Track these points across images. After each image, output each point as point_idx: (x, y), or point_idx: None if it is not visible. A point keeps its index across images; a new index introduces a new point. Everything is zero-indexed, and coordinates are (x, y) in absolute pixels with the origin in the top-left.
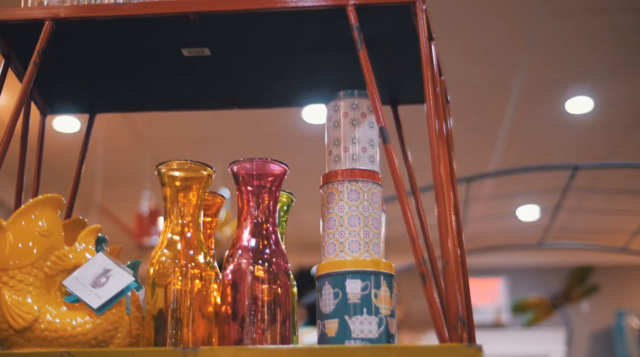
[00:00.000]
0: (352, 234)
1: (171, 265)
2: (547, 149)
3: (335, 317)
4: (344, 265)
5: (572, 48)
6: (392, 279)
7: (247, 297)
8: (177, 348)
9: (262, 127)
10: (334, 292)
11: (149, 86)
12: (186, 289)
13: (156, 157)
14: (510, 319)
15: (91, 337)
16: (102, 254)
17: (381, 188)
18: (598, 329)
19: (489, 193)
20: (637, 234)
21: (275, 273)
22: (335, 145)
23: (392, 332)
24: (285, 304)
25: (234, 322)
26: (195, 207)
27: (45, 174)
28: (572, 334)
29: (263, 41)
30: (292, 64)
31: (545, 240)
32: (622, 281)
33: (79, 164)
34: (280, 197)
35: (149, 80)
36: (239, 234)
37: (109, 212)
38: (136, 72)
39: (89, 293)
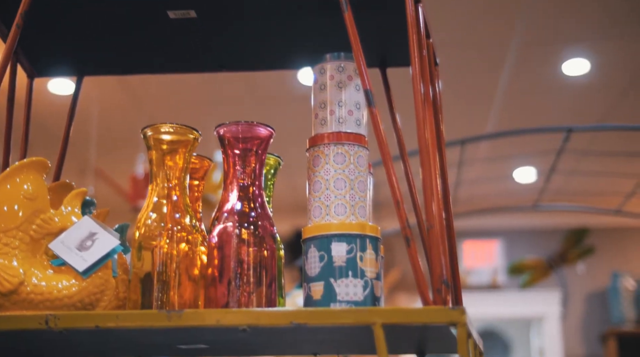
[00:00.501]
0: (338, 197)
1: (157, 228)
2: (543, 111)
3: (321, 280)
4: (330, 228)
5: (569, 9)
6: (378, 242)
7: (232, 260)
8: (161, 311)
9: (258, 89)
10: (319, 255)
11: (135, 49)
12: (172, 252)
13: (152, 119)
14: (506, 281)
15: (77, 300)
16: (88, 217)
17: (368, 151)
18: (593, 290)
19: (486, 155)
20: (631, 196)
21: (261, 236)
22: (322, 108)
23: (377, 295)
24: (272, 267)
25: (219, 285)
26: (182, 170)
27: (40, 137)
28: (568, 295)
29: (248, 3)
30: (278, 27)
31: (541, 202)
32: (617, 243)
33: (67, 127)
34: (268, 160)
35: (135, 42)
36: (225, 197)
37: (104, 174)
38: (122, 35)
39: (74, 256)
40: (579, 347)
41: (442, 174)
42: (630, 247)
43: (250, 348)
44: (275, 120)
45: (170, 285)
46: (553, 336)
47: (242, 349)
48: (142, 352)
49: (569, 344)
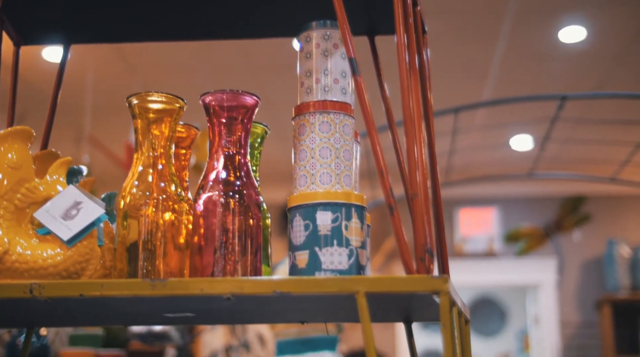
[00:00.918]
0: (323, 166)
1: (142, 197)
2: (540, 79)
3: (306, 249)
4: (315, 197)
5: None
6: (364, 210)
7: (217, 228)
8: (145, 280)
9: (254, 57)
10: (304, 223)
11: (123, 16)
12: (158, 221)
13: (147, 87)
14: (502, 248)
15: (62, 268)
16: (73, 186)
17: (353, 120)
18: (589, 257)
19: (482, 123)
20: (626, 164)
21: (247, 205)
22: (307, 76)
23: (362, 264)
24: (257, 235)
25: (204, 253)
26: (167, 139)
27: (35, 105)
28: (564, 262)
29: None
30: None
31: (537, 170)
32: (613, 210)
33: (54, 96)
34: (255, 129)
35: (122, 10)
36: (210, 165)
37: (98, 143)
38: (109, 2)
39: (59, 225)
40: (574, 314)
41: (429, 143)
42: (626, 214)
43: (236, 316)
44: (271, 89)
45: (156, 254)
46: (548, 303)
47: (228, 317)
48: (129, 321)
49: (564, 311)
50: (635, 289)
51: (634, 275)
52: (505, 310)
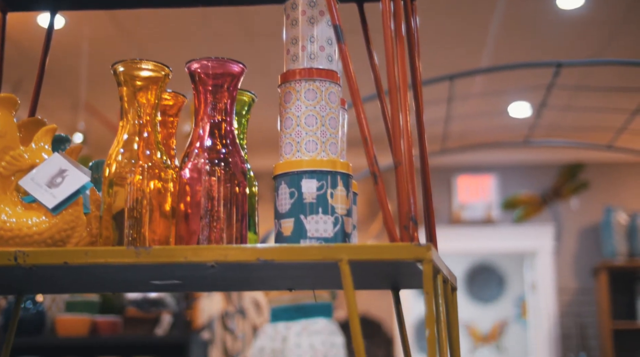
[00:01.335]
0: (309, 133)
1: (128, 165)
2: (539, 46)
3: (291, 217)
4: (300, 165)
5: None
6: (349, 178)
7: (203, 196)
8: (130, 247)
9: (249, 24)
10: (289, 191)
11: None
12: (143, 189)
13: (143, 54)
14: (500, 215)
15: (47, 236)
16: (58, 154)
17: (339, 88)
18: (586, 224)
19: (481, 90)
20: (622, 131)
21: (232, 173)
22: (293, 44)
23: (348, 232)
24: (242, 203)
25: (190, 221)
26: (153, 107)
27: (31, 72)
28: (561, 229)
29: None
30: None
31: (534, 138)
32: (611, 178)
33: (42, 62)
34: (242, 97)
35: None
36: (196, 133)
37: (95, 110)
38: None
39: (44, 193)
40: (571, 281)
41: (417, 112)
42: (624, 182)
43: (223, 284)
44: (267, 57)
45: (142, 221)
46: (546, 269)
47: (215, 284)
48: (116, 288)
49: (561, 278)
50: (632, 256)
51: (631, 242)
52: (504, 277)
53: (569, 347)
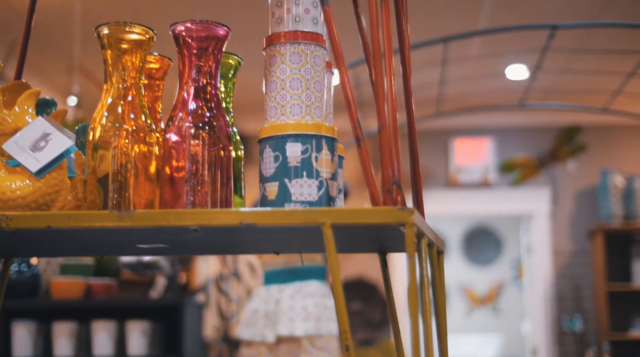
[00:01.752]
0: (294, 97)
1: (112, 128)
2: (537, 7)
3: (275, 181)
4: (285, 128)
5: None
6: (334, 142)
7: (187, 160)
8: (113, 211)
9: None
10: (274, 155)
11: None
12: (128, 152)
13: (136, 15)
14: (497, 178)
15: (31, 200)
16: (41, 117)
17: (325, 51)
18: (583, 187)
19: (478, 53)
20: (617, 94)
21: (217, 136)
22: (278, 6)
23: (332, 195)
24: (227, 167)
25: (174, 184)
26: (137, 70)
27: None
28: (558, 192)
29: None
30: None
31: (530, 100)
32: (608, 141)
33: (27, 25)
34: (228, 60)
35: None
36: (180, 96)
37: (89, 72)
38: None
39: (27, 157)
40: (566, 244)
41: (404, 76)
42: (621, 145)
43: (209, 247)
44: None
45: (126, 185)
46: (542, 232)
47: (201, 247)
48: (102, 251)
49: (557, 240)
50: (628, 219)
51: (627, 205)
52: (501, 239)
53: (564, 309)
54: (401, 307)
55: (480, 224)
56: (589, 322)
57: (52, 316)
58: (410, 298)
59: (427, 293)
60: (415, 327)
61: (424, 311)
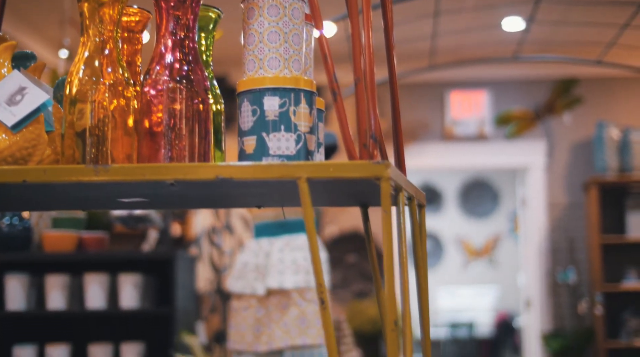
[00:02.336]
0: (272, 50)
1: (89, 82)
2: None
3: (253, 134)
4: (263, 82)
5: None
6: (313, 96)
7: (165, 113)
8: (88, 166)
9: None
10: (252, 109)
11: None
12: (105, 106)
13: None
14: (493, 131)
15: (7, 154)
16: (17, 71)
17: (303, 3)
18: (578, 140)
19: (473, 4)
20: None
21: (195, 90)
22: None
23: (311, 149)
24: (206, 120)
25: (152, 139)
26: (115, 23)
27: None
28: (553, 145)
29: None
30: None
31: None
32: (604, 93)
33: None
34: (208, 13)
35: None
36: (157, 50)
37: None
38: None
39: (3, 111)
40: (561, 196)
41: (386, 29)
42: (617, 97)
43: (190, 201)
44: None
45: (104, 140)
46: (537, 185)
47: (182, 201)
48: (82, 205)
49: (552, 193)
50: (623, 171)
51: (622, 157)
52: (498, 192)
53: (558, 262)
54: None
55: (477, 176)
56: (582, 274)
57: (44, 269)
58: (386, 252)
59: (405, 246)
60: (391, 284)
61: (401, 264)
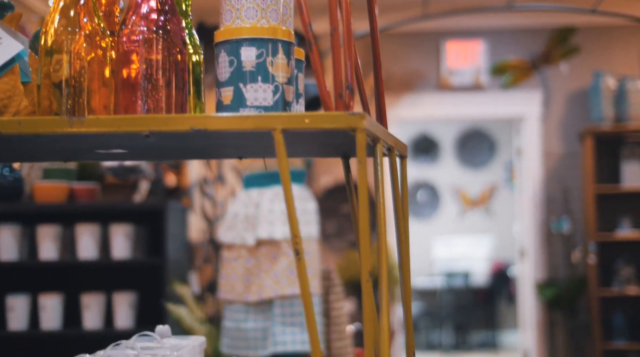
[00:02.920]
0: (249, 0)
1: (64, 33)
2: None
3: (230, 85)
4: (240, 32)
5: None
6: (291, 46)
7: (141, 64)
8: (63, 117)
9: None
10: (229, 60)
11: None
12: (81, 57)
13: None
14: (489, 81)
15: None
16: None
17: None
18: (575, 89)
19: None
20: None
21: (171, 41)
22: None
23: (288, 100)
24: (183, 71)
25: (128, 90)
26: None
27: None
28: (549, 95)
29: None
30: None
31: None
32: (601, 42)
33: None
34: None
35: None
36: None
37: None
38: None
39: None
40: (557, 146)
41: None
42: (614, 46)
43: (169, 152)
44: None
45: (80, 91)
46: (533, 135)
47: (161, 153)
48: (60, 157)
49: (548, 143)
50: (619, 121)
51: (619, 107)
52: (495, 142)
53: (553, 211)
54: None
55: (473, 126)
56: (576, 224)
57: (36, 220)
58: (361, 203)
59: (382, 197)
60: (365, 235)
61: (377, 216)
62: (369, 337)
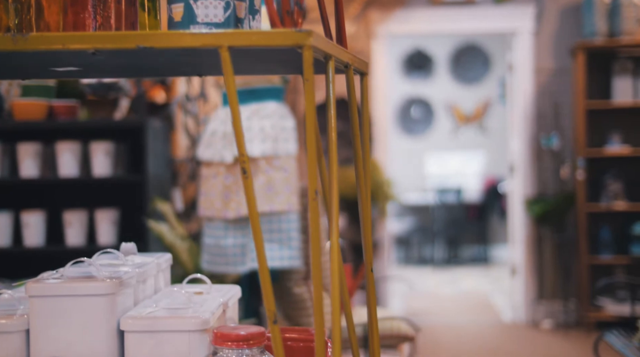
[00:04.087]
0: None
1: None
2: None
3: (181, 2)
4: None
5: None
6: None
7: None
8: (7, 34)
9: None
10: None
11: None
12: None
13: None
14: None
15: None
16: None
17: None
18: (568, 4)
19: None
20: None
21: None
22: None
23: (240, 17)
24: None
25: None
26: None
27: None
28: (542, 9)
29: None
30: None
31: None
32: None
33: None
34: None
35: None
36: None
37: None
38: None
39: None
40: (549, 61)
41: None
42: None
43: (124, 70)
44: None
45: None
46: (525, 50)
47: (113, 70)
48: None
49: (540, 58)
50: (612, 36)
51: (612, 21)
52: (489, 57)
53: (543, 127)
54: (383, 126)
55: (468, 41)
56: (566, 140)
57: (16, 137)
58: (308, 121)
59: (334, 115)
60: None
61: (328, 133)
62: (316, 253)
